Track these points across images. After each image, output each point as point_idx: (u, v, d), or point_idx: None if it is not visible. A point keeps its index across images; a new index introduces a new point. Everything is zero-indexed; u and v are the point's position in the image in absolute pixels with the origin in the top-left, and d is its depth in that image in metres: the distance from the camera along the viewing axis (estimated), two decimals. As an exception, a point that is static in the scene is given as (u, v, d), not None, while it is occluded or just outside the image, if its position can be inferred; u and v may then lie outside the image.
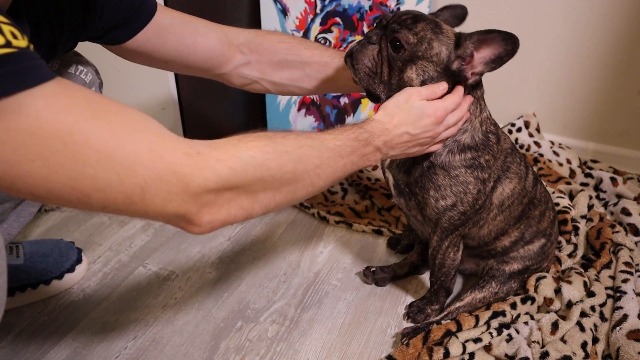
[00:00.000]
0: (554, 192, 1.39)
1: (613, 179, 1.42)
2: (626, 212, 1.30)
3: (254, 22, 1.63)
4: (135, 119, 0.59)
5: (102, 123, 0.55)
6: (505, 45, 0.84)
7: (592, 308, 1.04)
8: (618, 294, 1.06)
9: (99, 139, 0.54)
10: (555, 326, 0.99)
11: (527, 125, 1.68)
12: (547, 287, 1.06)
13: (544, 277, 1.08)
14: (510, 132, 1.66)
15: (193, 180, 0.59)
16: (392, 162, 1.01)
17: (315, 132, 0.78)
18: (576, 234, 1.25)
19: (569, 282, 1.08)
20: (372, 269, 1.17)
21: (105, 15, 0.86)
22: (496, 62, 0.86)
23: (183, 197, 0.60)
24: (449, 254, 1.02)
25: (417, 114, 0.85)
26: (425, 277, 1.20)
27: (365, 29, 1.64)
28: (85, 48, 0.93)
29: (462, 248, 1.04)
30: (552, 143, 1.64)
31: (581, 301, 1.05)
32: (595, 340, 1.00)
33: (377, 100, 0.91)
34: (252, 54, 1.04)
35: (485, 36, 0.85)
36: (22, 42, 0.51)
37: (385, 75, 0.89)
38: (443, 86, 0.87)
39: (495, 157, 0.96)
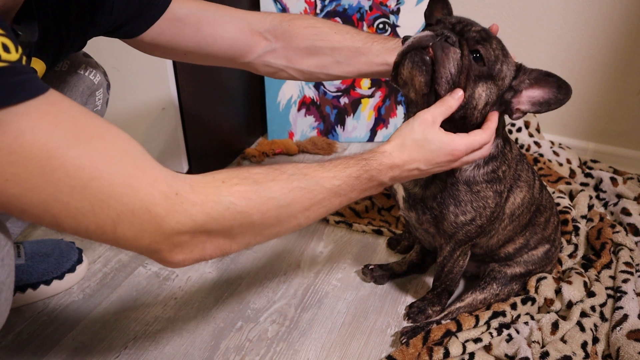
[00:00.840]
0: (554, 192, 1.39)
1: (613, 179, 1.42)
2: (626, 212, 1.30)
3: (254, 22, 1.63)
4: (119, 147, 0.57)
5: (82, 149, 0.53)
6: (558, 92, 0.81)
7: (593, 308, 1.04)
8: (618, 294, 1.07)
9: (76, 166, 0.53)
10: (555, 326, 0.99)
11: (527, 125, 1.68)
12: (547, 288, 1.06)
13: (545, 277, 1.08)
14: (510, 132, 1.66)
15: (166, 222, 0.58)
16: None
17: (314, 167, 0.72)
18: (576, 234, 1.25)
19: (569, 283, 1.08)
20: (371, 267, 1.17)
21: (116, 8, 0.84)
22: (543, 106, 0.83)
23: (155, 236, 0.59)
24: (459, 262, 1.02)
25: (432, 149, 0.76)
26: (425, 276, 1.20)
27: (366, 29, 1.64)
28: (85, 48, 0.93)
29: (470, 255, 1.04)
30: (552, 143, 1.64)
31: (581, 301, 1.05)
32: (595, 340, 1.00)
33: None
34: (277, 41, 0.98)
35: (543, 77, 0.82)
36: (13, 55, 0.49)
37: (461, 86, 0.79)
38: (481, 140, 0.80)
39: (510, 166, 0.95)
